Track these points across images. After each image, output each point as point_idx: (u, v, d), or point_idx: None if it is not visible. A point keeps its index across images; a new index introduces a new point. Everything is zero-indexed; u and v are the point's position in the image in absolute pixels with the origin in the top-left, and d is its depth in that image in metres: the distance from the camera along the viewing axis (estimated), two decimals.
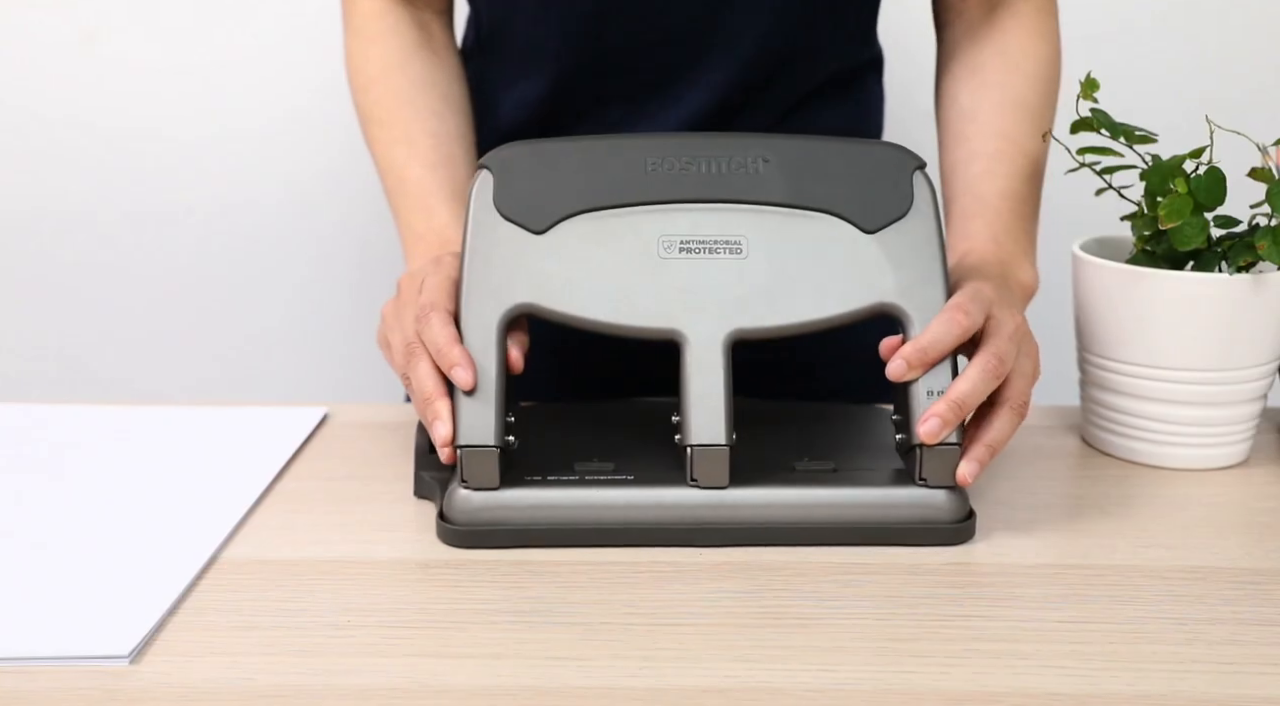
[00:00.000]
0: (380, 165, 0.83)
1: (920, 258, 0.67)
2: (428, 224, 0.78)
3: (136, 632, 0.55)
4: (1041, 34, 0.84)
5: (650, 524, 0.64)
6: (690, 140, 0.68)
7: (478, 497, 0.64)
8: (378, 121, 0.83)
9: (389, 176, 0.82)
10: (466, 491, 0.64)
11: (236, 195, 1.50)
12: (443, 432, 0.63)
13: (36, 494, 0.71)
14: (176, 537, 0.65)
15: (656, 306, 0.65)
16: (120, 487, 0.72)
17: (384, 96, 0.83)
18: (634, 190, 0.67)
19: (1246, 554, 0.64)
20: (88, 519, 0.68)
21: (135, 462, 0.76)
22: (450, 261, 0.69)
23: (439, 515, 0.66)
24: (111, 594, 0.59)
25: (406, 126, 0.81)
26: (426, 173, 0.80)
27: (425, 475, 0.70)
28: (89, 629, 0.55)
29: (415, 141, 0.81)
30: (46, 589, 0.60)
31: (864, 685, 0.52)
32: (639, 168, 0.67)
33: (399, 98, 0.82)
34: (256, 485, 0.72)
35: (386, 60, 0.83)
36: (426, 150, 0.80)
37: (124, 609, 0.57)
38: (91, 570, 0.61)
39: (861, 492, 0.65)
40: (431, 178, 0.79)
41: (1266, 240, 0.71)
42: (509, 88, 0.89)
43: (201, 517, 0.67)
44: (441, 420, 0.63)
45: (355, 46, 0.86)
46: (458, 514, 0.64)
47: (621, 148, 0.68)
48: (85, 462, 0.76)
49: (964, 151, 0.81)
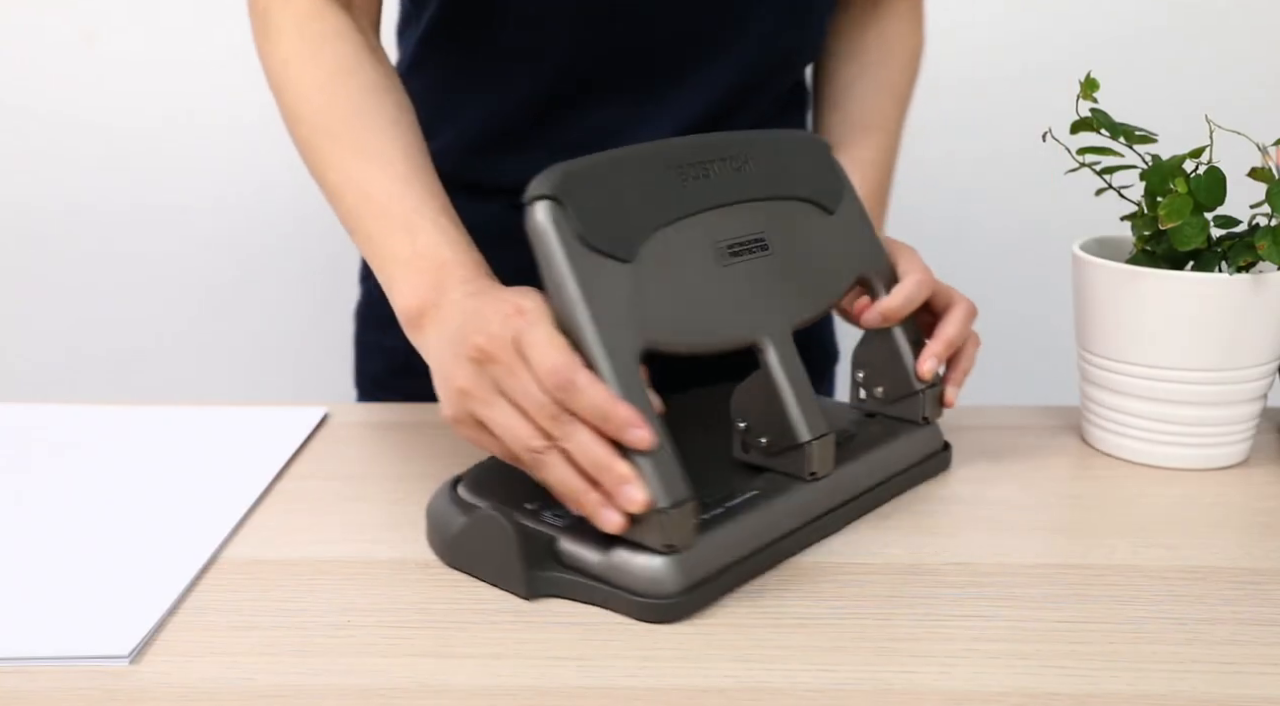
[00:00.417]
0: (332, 181, 0.71)
1: (866, 227, 0.74)
2: (412, 246, 0.67)
3: (136, 632, 0.55)
4: (914, 27, 0.95)
5: (797, 526, 0.64)
6: (700, 143, 0.67)
7: (685, 559, 0.57)
8: (326, 132, 0.72)
9: (348, 194, 0.70)
10: (671, 558, 0.57)
11: (238, 195, 1.50)
12: (641, 497, 0.55)
13: (36, 494, 0.71)
14: (176, 537, 0.65)
15: (737, 316, 0.63)
16: (120, 487, 0.72)
17: (333, 104, 0.72)
18: (680, 200, 0.63)
19: (1246, 554, 0.64)
20: (88, 519, 0.68)
21: (135, 462, 0.76)
22: (504, 300, 0.59)
23: (627, 593, 0.57)
24: (111, 594, 0.59)
25: (364, 137, 0.71)
26: (400, 188, 0.69)
27: (551, 573, 0.59)
28: (89, 629, 0.55)
29: (379, 154, 0.70)
30: (46, 589, 0.60)
31: (864, 685, 0.52)
32: (677, 176, 0.63)
33: (351, 105, 0.72)
34: (256, 485, 0.72)
35: (337, 65, 0.73)
36: (394, 163, 0.70)
37: (124, 609, 0.57)
38: (91, 570, 0.61)
39: (891, 448, 0.71)
40: (407, 193, 0.69)
41: (1266, 240, 0.71)
42: (475, 97, 0.86)
43: (201, 517, 0.67)
44: (634, 484, 0.55)
45: (291, 48, 0.75)
46: (670, 584, 0.57)
47: (656, 157, 0.63)
48: (85, 462, 0.76)
49: (838, 119, 0.91)
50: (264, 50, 0.76)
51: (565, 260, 0.57)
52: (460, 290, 0.63)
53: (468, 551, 0.61)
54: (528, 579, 0.58)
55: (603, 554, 0.57)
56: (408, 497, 0.71)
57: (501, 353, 0.57)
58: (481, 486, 0.64)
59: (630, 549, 0.57)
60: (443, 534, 0.62)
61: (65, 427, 0.82)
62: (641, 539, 0.56)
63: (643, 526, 0.56)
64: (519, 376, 0.57)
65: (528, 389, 0.56)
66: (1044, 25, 1.39)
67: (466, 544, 0.61)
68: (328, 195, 0.72)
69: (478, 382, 0.58)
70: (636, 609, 0.57)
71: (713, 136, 0.67)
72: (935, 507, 0.70)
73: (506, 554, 0.58)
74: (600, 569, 0.58)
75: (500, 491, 0.63)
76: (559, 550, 0.59)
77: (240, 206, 1.50)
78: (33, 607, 0.58)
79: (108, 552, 0.63)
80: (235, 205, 1.50)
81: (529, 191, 0.58)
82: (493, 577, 0.60)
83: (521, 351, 0.57)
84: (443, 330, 0.62)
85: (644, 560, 0.57)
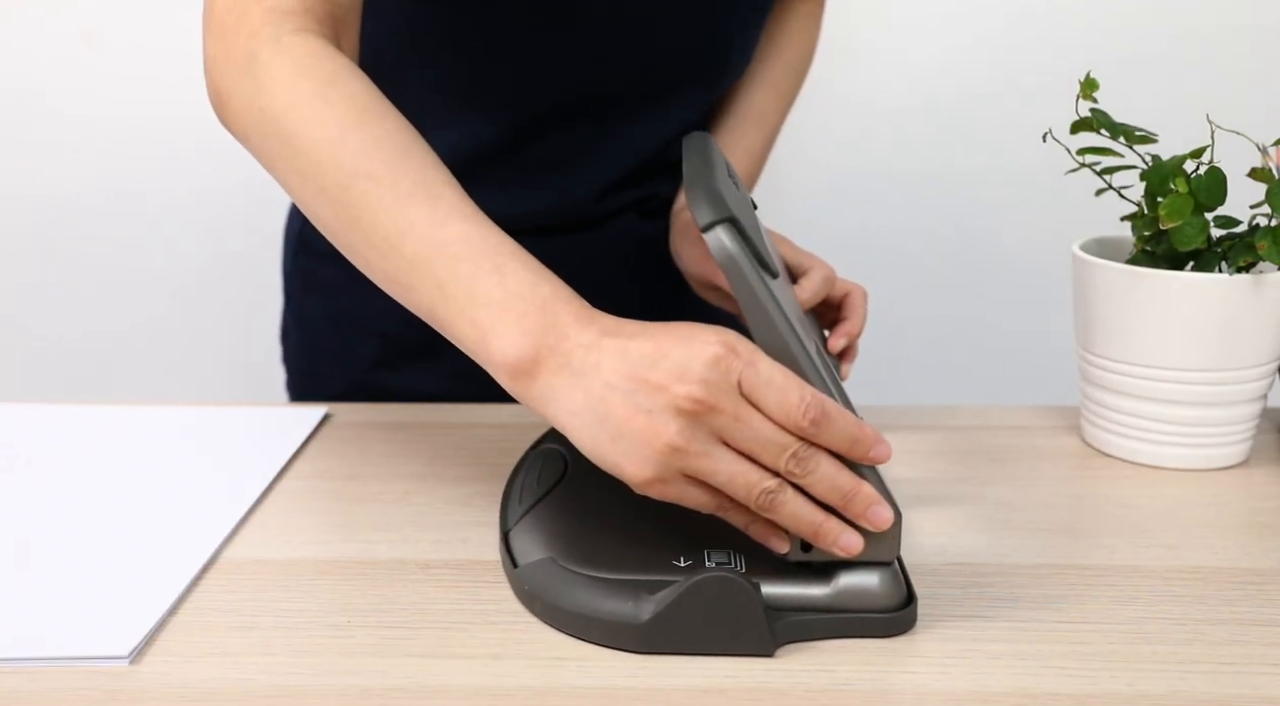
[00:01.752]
0: (384, 230, 0.61)
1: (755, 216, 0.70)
2: (504, 288, 0.58)
3: (136, 633, 0.55)
4: (808, 30, 0.97)
5: None
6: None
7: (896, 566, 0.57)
8: (369, 176, 0.62)
9: (408, 242, 0.60)
10: (892, 567, 0.56)
11: (238, 194, 1.50)
12: (889, 515, 0.55)
13: (36, 494, 0.71)
14: (177, 537, 0.65)
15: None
16: (120, 488, 0.72)
17: (369, 145, 0.62)
18: (750, 213, 0.65)
19: (1246, 554, 0.64)
20: (88, 519, 0.68)
21: (135, 463, 0.76)
22: (696, 340, 0.54)
23: (869, 613, 0.56)
24: (111, 594, 0.59)
25: (413, 178, 0.62)
26: (472, 228, 0.60)
27: (779, 621, 0.55)
28: (89, 629, 0.55)
29: (438, 195, 0.61)
30: (46, 589, 0.60)
31: (864, 685, 0.52)
32: (734, 183, 0.63)
33: (394, 146, 0.63)
34: (257, 485, 0.72)
35: (360, 105, 0.64)
36: (457, 202, 0.62)
37: (124, 609, 0.57)
38: (91, 570, 0.61)
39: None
40: (482, 232, 0.60)
41: (1266, 240, 0.71)
42: (428, 132, 0.71)
43: (202, 517, 0.67)
44: (881, 503, 0.55)
45: (293, 93, 0.64)
46: (901, 592, 0.56)
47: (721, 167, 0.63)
48: (85, 463, 0.76)
49: (725, 108, 0.95)
50: (246, 102, 0.65)
51: (761, 284, 0.54)
52: (586, 331, 0.56)
53: (679, 627, 0.54)
54: (773, 632, 0.54)
55: (824, 584, 0.56)
56: (407, 497, 0.71)
57: (724, 400, 0.53)
58: (587, 557, 0.59)
59: (852, 570, 0.56)
60: (630, 619, 0.54)
61: (65, 428, 0.82)
62: (876, 556, 0.55)
63: (879, 542, 0.55)
64: (749, 421, 0.53)
65: (760, 432, 0.53)
66: (1045, 25, 1.39)
67: (677, 618, 0.54)
68: (373, 248, 0.62)
69: (693, 436, 0.53)
70: (883, 626, 0.55)
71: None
72: (936, 507, 0.70)
73: (744, 613, 0.54)
74: (829, 600, 0.56)
75: (603, 556, 0.59)
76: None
77: (241, 206, 1.50)
78: (32, 608, 0.58)
79: (107, 553, 0.63)
80: (236, 205, 1.50)
81: (701, 218, 0.54)
82: (721, 646, 0.54)
83: (750, 393, 0.53)
84: (585, 379, 0.55)
85: (874, 577, 0.56)
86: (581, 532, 0.61)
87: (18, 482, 0.73)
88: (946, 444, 0.80)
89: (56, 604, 0.58)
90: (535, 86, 0.84)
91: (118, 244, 1.53)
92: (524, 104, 0.85)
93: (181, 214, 1.52)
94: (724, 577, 0.53)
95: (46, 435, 0.81)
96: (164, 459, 0.77)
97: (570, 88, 0.84)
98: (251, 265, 1.50)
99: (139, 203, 1.51)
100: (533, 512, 0.64)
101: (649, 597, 0.54)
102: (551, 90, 0.84)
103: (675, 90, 0.88)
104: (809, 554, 0.56)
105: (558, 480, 0.67)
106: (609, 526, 0.61)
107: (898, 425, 0.83)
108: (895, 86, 1.39)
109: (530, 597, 0.58)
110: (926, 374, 1.51)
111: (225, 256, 1.53)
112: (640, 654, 0.54)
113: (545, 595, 0.57)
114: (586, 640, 0.55)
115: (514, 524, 0.63)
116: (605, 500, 0.63)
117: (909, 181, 1.44)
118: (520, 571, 0.59)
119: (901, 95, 1.40)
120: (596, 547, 0.59)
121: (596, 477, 0.59)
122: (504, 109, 0.85)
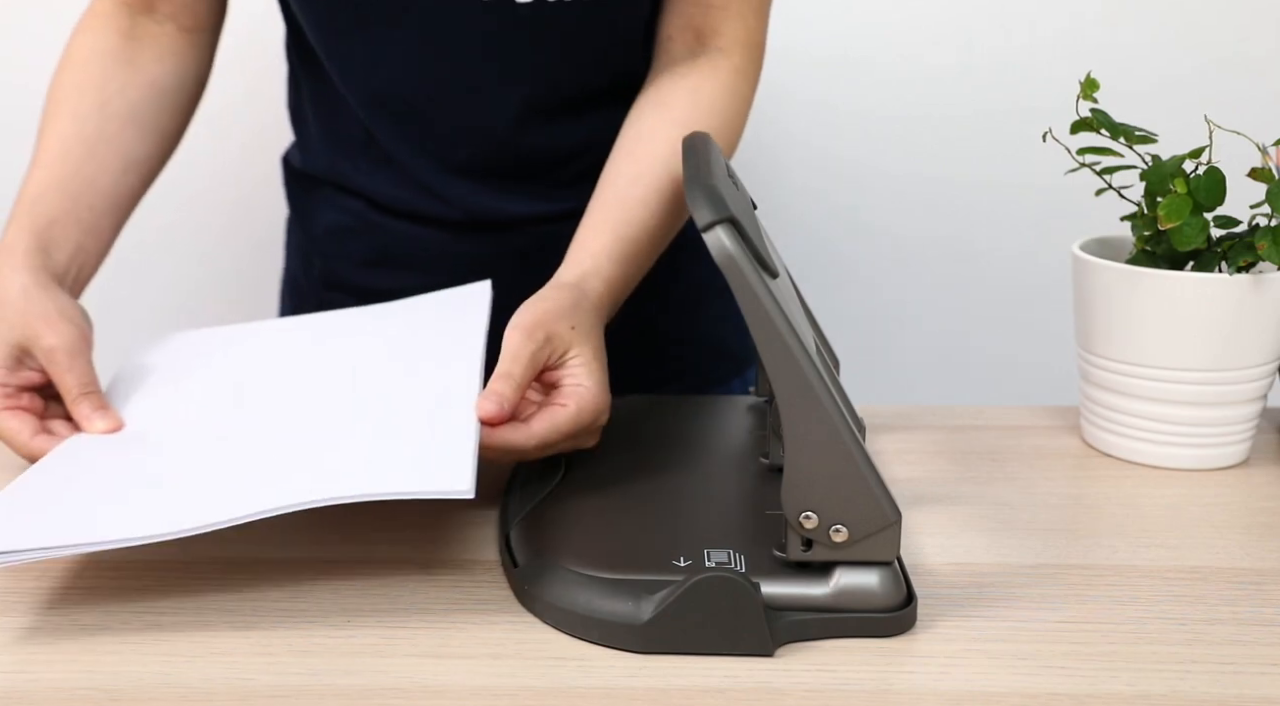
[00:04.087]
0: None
1: None
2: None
3: (465, 472, 0.56)
4: (736, 93, 0.84)
5: None
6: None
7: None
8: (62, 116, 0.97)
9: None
10: (892, 566, 0.57)
11: (239, 194, 1.50)
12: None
13: (265, 390, 0.72)
14: (438, 391, 0.66)
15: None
16: (357, 372, 0.72)
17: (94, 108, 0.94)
18: (750, 212, 0.64)
19: (1246, 554, 0.64)
20: (355, 395, 0.69)
21: (350, 355, 0.76)
22: None
23: (869, 613, 0.55)
24: (419, 445, 0.60)
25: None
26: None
27: (779, 621, 0.55)
28: (422, 471, 0.57)
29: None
30: (361, 445, 0.61)
31: (864, 685, 0.52)
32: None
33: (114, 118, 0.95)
34: (475, 341, 0.71)
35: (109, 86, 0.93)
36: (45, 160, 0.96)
37: (439, 454, 0.58)
38: (389, 428, 0.63)
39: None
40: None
41: (1266, 240, 0.71)
42: (315, 110, 0.94)
43: (447, 376, 0.68)
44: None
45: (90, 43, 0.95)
46: (901, 591, 0.57)
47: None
48: (314, 358, 0.76)
49: (629, 169, 0.81)
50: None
51: (761, 284, 0.54)
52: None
53: (679, 627, 0.54)
54: (773, 632, 0.54)
55: (824, 584, 0.56)
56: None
57: None
58: (586, 557, 0.58)
59: (851, 570, 0.56)
60: (630, 619, 0.54)
61: (264, 339, 0.82)
62: (874, 556, 0.55)
63: (878, 542, 0.55)
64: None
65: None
66: (1045, 25, 1.39)
67: (677, 618, 0.54)
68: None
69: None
70: (883, 626, 0.55)
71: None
72: (936, 508, 0.70)
73: (744, 613, 0.53)
74: (829, 599, 0.55)
75: (603, 556, 0.58)
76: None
77: (243, 205, 1.50)
78: (358, 459, 0.59)
79: (393, 416, 0.65)
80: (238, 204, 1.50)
81: (701, 219, 0.54)
82: (721, 646, 0.54)
83: None
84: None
85: (874, 576, 0.55)
86: (581, 532, 0.61)
87: (276, 376, 0.74)
88: (946, 444, 0.80)
89: (375, 455, 0.59)
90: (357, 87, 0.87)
91: (119, 243, 1.53)
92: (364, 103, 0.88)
93: (182, 214, 1.52)
94: (724, 577, 0.53)
95: (259, 344, 0.81)
96: (373, 346, 0.76)
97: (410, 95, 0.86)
98: (255, 262, 1.50)
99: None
100: (533, 512, 0.64)
101: (649, 597, 0.54)
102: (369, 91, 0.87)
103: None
104: (809, 553, 0.56)
105: (558, 480, 0.67)
106: (609, 526, 0.61)
107: (898, 425, 0.83)
108: (895, 87, 1.40)
109: (530, 597, 0.58)
110: (926, 374, 1.51)
111: (226, 255, 1.53)
112: (640, 654, 0.54)
113: (545, 595, 0.57)
114: (586, 640, 0.55)
115: (514, 524, 0.63)
116: (605, 500, 0.63)
117: (908, 181, 1.44)
118: (520, 571, 0.59)
119: (901, 96, 1.40)
120: (596, 547, 0.59)
121: (596, 477, 0.59)
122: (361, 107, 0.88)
